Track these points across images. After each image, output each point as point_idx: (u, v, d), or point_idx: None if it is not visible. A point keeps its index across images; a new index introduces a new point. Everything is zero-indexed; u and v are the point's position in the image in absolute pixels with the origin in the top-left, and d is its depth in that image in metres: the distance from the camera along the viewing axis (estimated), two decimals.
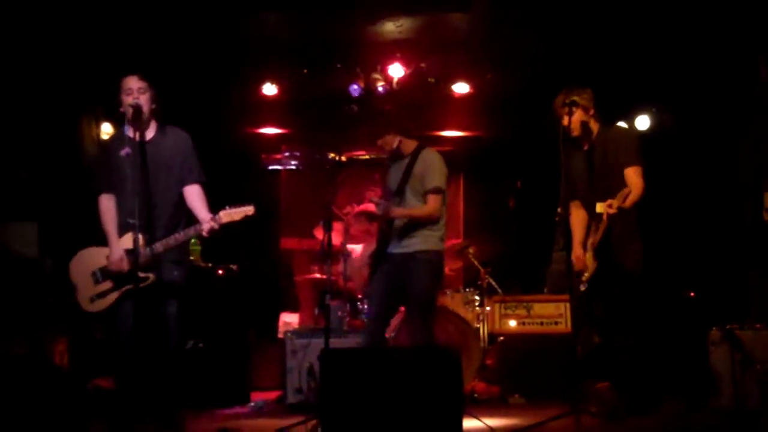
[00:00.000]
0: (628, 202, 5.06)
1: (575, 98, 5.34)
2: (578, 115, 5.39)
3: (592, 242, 5.36)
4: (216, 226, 4.99)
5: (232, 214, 4.98)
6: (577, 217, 5.57)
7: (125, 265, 5.00)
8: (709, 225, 7.84)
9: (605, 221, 5.16)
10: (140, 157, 4.98)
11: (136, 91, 5.09)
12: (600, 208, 5.17)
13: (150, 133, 5.22)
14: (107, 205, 5.21)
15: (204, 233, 5.03)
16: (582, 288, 5.45)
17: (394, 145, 5.74)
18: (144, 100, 5.09)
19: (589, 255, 5.40)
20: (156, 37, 7.17)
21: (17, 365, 4.19)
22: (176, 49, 7.41)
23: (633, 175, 5.24)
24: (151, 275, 5.00)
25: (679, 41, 7.28)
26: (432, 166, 5.65)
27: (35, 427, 3.97)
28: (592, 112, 5.43)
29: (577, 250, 5.51)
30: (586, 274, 5.42)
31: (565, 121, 5.32)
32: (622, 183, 5.19)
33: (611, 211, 5.05)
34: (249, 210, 5.01)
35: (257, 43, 7.65)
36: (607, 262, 5.31)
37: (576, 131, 5.42)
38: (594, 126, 5.48)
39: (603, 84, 7.53)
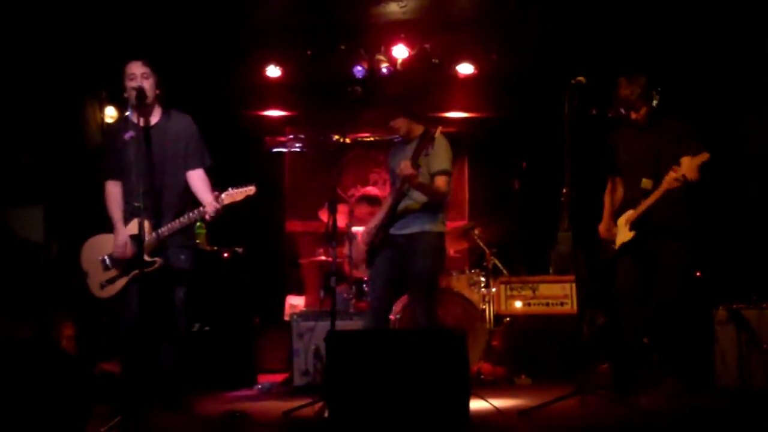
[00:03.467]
0: (696, 176, 5.06)
1: (642, 91, 5.43)
2: (644, 108, 5.47)
3: (630, 215, 5.41)
4: (219, 208, 5.00)
5: (233, 194, 5.00)
6: (614, 193, 5.70)
7: (129, 252, 5.05)
8: (715, 203, 7.81)
9: (665, 189, 5.17)
10: (144, 142, 4.98)
11: (139, 77, 5.08)
12: (646, 184, 5.29)
13: (154, 118, 5.22)
14: (113, 191, 5.22)
15: (208, 216, 5.04)
16: (609, 253, 5.57)
17: (405, 128, 5.73)
18: (147, 86, 5.09)
19: (624, 227, 5.45)
20: (159, 19, 7.14)
21: (24, 349, 4.19)
22: (179, 32, 7.39)
23: (694, 163, 5.19)
24: (157, 260, 5.03)
25: (685, 19, 7.23)
26: (439, 150, 5.63)
27: (42, 411, 3.98)
28: (655, 99, 5.50)
29: (605, 222, 5.64)
30: (617, 242, 5.49)
31: (632, 115, 5.48)
32: (669, 167, 5.20)
33: (675, 176, 5.07)
34: (250, 190, 5.02)
35: (261, 24, 7.61)
36: (651, 228, 5.35)
37: (643, 121, 5.51)
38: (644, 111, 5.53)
39: (608, 64, 7.52)
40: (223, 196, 5.00)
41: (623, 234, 5.46)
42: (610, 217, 5.65)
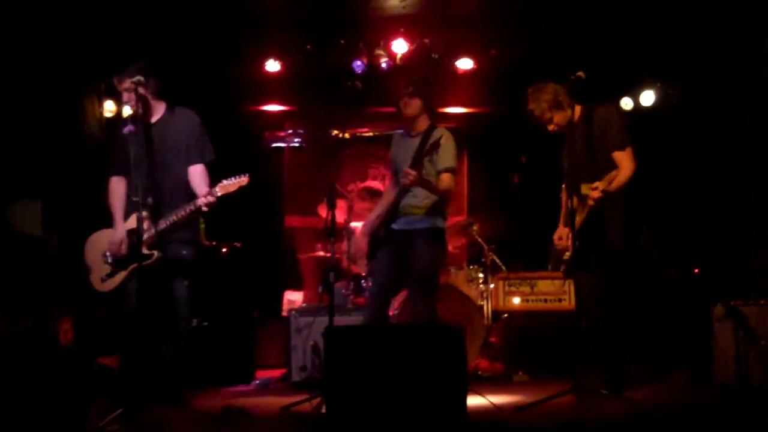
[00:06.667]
0: (614, 186, 5.00)
1: (550, 101, 5.30)
2: (557, 117, 5.33)
3: (576, 223, 5.19)
4: (213, 200, 4.99)
5: (227, 186, 5.00)
6: (562, 200, 5.54)
7: (124, 249, 5.05)
8: (714, 200, 7.82)
9: (591, 203, 5.06)
10: (145, 139, 4.98)
11: (125, 95, 5.09)
12: (585, 189, 5.09)
13: (156, 115, 5.22)
14: (115, 187, 5.24)
15: (202, 207, 5.03)
16: (562, 267, 5.43)
17: (416, 113, 5.71)
18: (132, 101, 5.08)
19: (571, 235, 5.23)
20: (157, 13, 7.13)
21: (22, 343, 4.20)
22: (178, 26, 7.37)
23: (622, 158, 5.14)
24: (155, 253, 5.02)
25: (684, 15, 7.22)
26: (445, 146, 5.61)
27: (40, 405, 3.98)
28: (567, 101, 5.30)
29: (559, 231, 5.50)
30: (567, 253, 5.33)
31: (549, 127, 5.36)
32: (608, 163, 5.12)
33: (596, 194, 4.98)
34: (243, 181, 5.02)
35: (260, 19, 7.60)
36: (590, 240, 5.19)
37: (560, 129, 5.36)
38: (576, 110, 5.38)
39: (608, 59, 7.53)
40: (216, 188, 5.00)
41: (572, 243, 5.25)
42: (563, 225, 5.48)
